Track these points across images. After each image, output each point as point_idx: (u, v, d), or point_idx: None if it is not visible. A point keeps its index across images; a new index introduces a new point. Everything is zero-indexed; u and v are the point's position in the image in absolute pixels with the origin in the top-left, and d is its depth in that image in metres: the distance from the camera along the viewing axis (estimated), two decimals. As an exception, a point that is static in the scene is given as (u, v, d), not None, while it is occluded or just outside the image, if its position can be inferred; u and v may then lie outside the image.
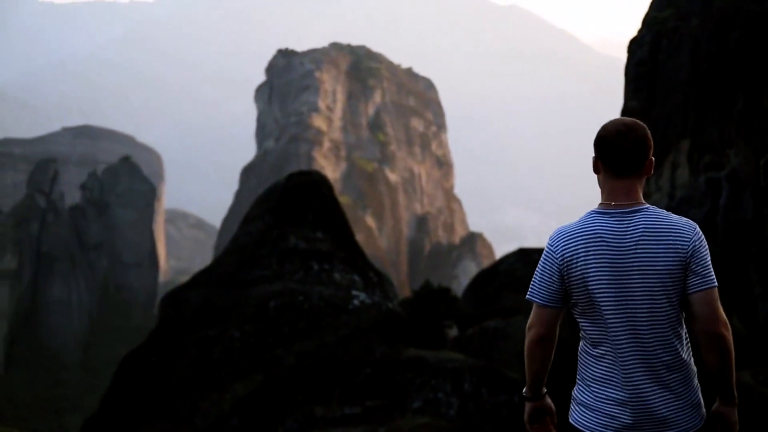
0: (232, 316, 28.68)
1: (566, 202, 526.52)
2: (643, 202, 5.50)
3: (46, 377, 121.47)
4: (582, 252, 5.42)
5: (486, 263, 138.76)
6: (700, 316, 5.25)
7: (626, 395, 5.32)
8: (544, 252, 5.66)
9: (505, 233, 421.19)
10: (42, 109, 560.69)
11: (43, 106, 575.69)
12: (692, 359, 5.46)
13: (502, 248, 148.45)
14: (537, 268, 5.67)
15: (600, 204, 5.60)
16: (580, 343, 5.68)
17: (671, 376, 5.32)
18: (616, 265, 5.33)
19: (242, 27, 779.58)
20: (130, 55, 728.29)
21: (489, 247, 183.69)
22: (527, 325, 5.61)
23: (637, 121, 5.56)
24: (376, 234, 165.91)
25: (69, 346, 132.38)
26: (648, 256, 5.29)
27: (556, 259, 5.53)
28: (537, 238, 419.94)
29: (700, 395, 5.46)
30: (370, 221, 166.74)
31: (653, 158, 5.63)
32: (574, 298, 5.50)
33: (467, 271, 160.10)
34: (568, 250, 5.49)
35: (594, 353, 5.50)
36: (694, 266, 5.28)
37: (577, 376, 5.69)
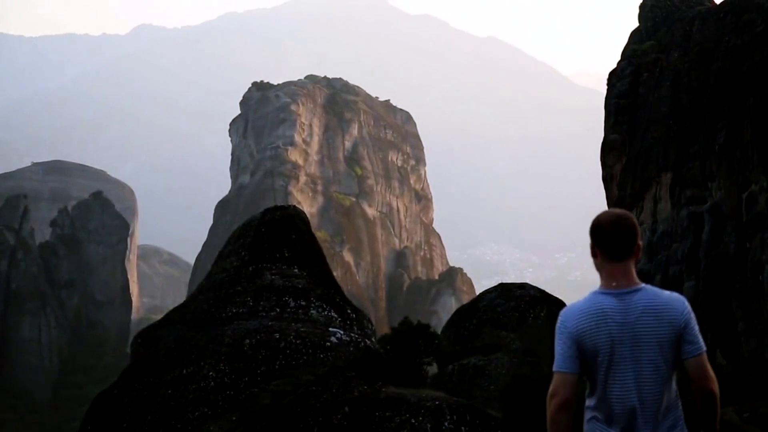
0: (206, 355, 27.88)
1: (547, 237, 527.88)
2: (639, 282, 6.56)
3: (15, 418, 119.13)
4: (594, 327, 6.46)
5: (466, 299, 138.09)
6: (695, 378, 6.48)
7: None
8: (558, 327, 6.65)
9: (485, 268, 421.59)
10: (11, 144, 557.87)
11: (13, 140, 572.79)
12: (682, 412, 6.62)
13: (482, 283, 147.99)
14: (556, 343, 6.62)
15: (602, 286, 6.63)
16: (587, 403, 6.71)
17: (669, 428, 6.47)
18: (623, 337, 6.42)
19: (216, 60, 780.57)
20: (101, 90, 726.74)
21: (469, 282, 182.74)
22: (549, 394, 6.54)
23: (626, 211, 6.61)
24: (353, 269, 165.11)
25: (39, 386, 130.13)
26: (650, 329, 6.42)
27: (572, 332, 6.53)
28: (518, 273, 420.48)
29: None
30: (348, 256, 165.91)
31: (640, 243, 6.67)
32: (586, 366, 6.54)
33: (446, 307, 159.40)
34: (579, 326, 6.51)
35: (600, 415, 6.57)
36: (686, 336, 6.46)
37: None
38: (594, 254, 6.65)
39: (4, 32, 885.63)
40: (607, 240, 6.50)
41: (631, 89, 56.66)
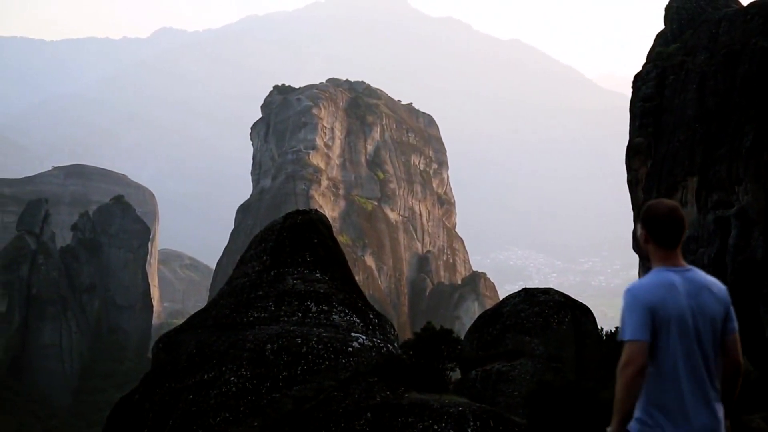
0: (228, 360, 27.68)
1: (571, 242, 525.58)
2: (687, 264, 7.35)
3: (35, 424, 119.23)
4: (668, 297, 7.10)
5: (489, 303, 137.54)
6: (731, 351, 7.35)
7: (686, 416, 7.01)
8: (630, 300, 7.21)
9: (508, 273, 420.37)
10: (32, 149, 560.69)
11: (33, 145, 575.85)
12: None
13: (505, 288, 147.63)
14: (627, 316, 7.19)
15: (661, 266, 7.33)
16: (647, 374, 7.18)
17: (718, 398, 7.21)
18: (690, 309, 7.10)
19: (236, 64, 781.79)
20: (121, 94, 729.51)
21: (492, 287, 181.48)
22: (623, 364, 7.04)
23: (674, 203, 7.39)
24: (375, 274, 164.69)
25: (59, 392, 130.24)
26: (709, 303, 7.20)
27: (645, 302, 7.09)
28: (541, 278, 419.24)
29: None
30: (370, 261, 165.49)
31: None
32: (658, 335, 7.09)
33: (470, 312, 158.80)
34: (652, 297, 7.11)
35: (661, 381, 7.11)
36: (730, 313, 7.36)
37: (642, 402, 7.17)
38: (646, 241, 7.43)
39: (24, 36, 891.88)
40: (663, 231, 7.29)
41: (657, 92, 56.11)
